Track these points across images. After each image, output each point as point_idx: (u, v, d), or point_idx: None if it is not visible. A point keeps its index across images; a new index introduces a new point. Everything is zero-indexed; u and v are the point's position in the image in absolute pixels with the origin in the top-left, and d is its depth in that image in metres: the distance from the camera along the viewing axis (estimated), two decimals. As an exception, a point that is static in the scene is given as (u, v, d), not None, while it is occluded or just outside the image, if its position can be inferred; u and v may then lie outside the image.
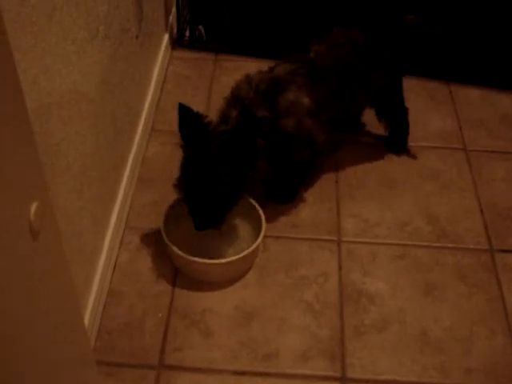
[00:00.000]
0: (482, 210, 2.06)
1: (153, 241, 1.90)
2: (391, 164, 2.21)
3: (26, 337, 0.90)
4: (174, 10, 2.63)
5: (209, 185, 1.67)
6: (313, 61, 1.88)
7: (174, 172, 1.78)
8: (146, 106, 2.22)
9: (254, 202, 1.89)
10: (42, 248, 0.90)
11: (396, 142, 2.26)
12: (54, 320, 1.03)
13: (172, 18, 2.63)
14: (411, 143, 2.28)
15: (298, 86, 1.81)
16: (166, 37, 2.56)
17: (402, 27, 2.03)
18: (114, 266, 1.82)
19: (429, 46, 2.42)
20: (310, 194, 2.08)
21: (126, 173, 1.97)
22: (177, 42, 2.69)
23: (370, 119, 2.25)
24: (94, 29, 1.54)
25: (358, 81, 1.95)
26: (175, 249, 1.75)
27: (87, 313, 1.61)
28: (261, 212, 1.86)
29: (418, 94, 2.50)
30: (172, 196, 1.90)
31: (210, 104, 2.37)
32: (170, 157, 2.16)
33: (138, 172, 2.09)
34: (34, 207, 0.83)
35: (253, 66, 1.96)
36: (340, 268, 1.87)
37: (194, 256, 1.75)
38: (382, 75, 2.00)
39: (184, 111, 1.71)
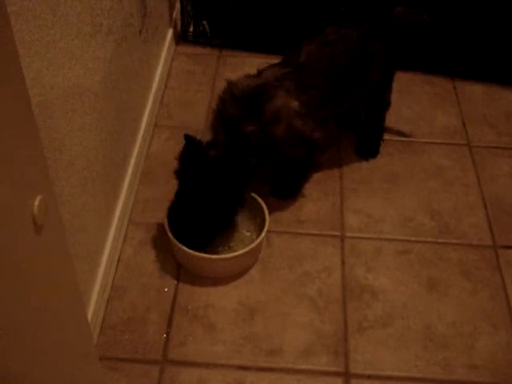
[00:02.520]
0: (485, 206, 2.05)
1: (156, 236, 1.90)
2: (395, 160, 2.20)
3: (28, 331, 0.90)
4: (177, 5, 2.63)
5: (208, 206, 1.73)
6: (303, 64, 1.87)
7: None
8: (150, 101, 2.22)
9: (257, 198, 1.88)
10: (46, 242, 0.90)
11: (370, 144, 2.23)
12: (56, 314, 1.03)
13: (176, 13, 2.63)
14: (415, 139, 2.28)
15: (285, 90, 1.80)
16: (170, 32, 2.56)
17: (392, 21, 2.01)
18: (118, 261, 1.83)
19: (421, 34, 2.42)
20: (314, 190, 2.08)
21: (130, 168, 1.97)
22: (181, 38, 2.69)
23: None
24: (98, 23, 1.54)
25: (353, 80, 1.94)
26: (179, 244, 1.75)
27: (90, 307, 1.61)
28: (264, 207, 1.86)
29: (422, 90, 2.50)
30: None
31: (213, 100, 2.36)
32: (174, 152, 2.15)
33: (142, 167, 2.10)
34: (37, 201, 0.83)
35: (257, 62, 1.95)
36: (343, 263, 1.87)
37: (198, 251, 1.76)
38: (377, 72, 1.99)
39: (190, 142, 1.74)
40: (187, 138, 1.73)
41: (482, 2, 2.42)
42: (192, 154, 1.73)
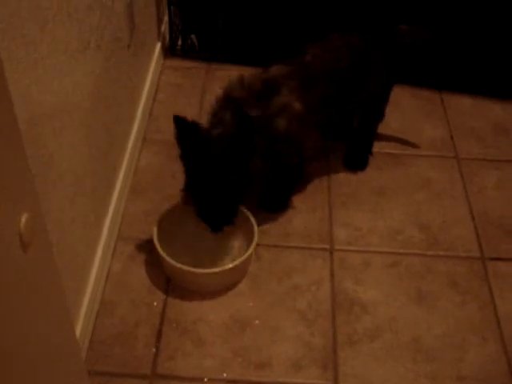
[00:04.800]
0: (473, 218, 2.07)
1: (145, 250, 1.90)
2: (383, 172, 2.21)
3: (15, 349, 0.90)
4: (166, 19, 2.64)
5: (219, 185, 1.71)
6: (308, 63, 1.89)
7: (166, 181, 1.78)
8: (139, 115, 2.23)
9: (246, 211, 1.89)
10: (33, 260, 0.90)
11: (359, 156, 2.25)
12: (44, 332, 1.02)
13: (164, 27, 2.64)
14: (403, 151, 2.29)
15: (289, 89, 1.81)
16: (158, 46, 2.57)
17: (395, 36, 2.03)
18: (107, 276, 1.82)
19: (422, 52, 2.44)
20: (303, 203, 2.09)
21: (119, 182, 1.97)
22: (169, 51, 2.69)
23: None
24: (86, 39, 1.54)
25: (352, 87, 1.96)
26: (168, 258, 1.75)
27: (79, 323, 1.61)
28: (253, 220, 1.86)
29: (409, 103, 2.52)
30: (165, 205, 1.91)
31: (202, 113, 2.36)
32: (163, 166, 2.16)
33: (131, 182, 2.10)
34: (24, 218, 0.83)
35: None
36: (332, 276, 1.87)
37: (187, 265, 1.76)
38: (374, 82, 2.01)
39: (180, 122, 1.72)
40: (177, 118, 1.72)
41: (469, 16, 2.44)
42: (187, 134, 1.73)
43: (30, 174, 0.90)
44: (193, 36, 2.69)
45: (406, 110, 2.48)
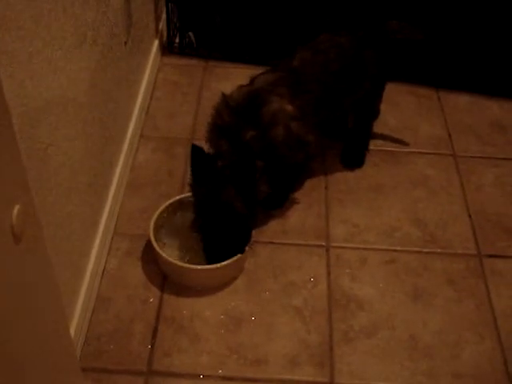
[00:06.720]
0: (470, 216, 2.06)
1: (141, 247, 1.89)
2: (380, 169, 2.21)
3: (7, 343, 0.90)
4: (163, 16, 2.63)
5: (228, 219, 1.71)
6: (296, 69, 1.88)
7: (163, 178, 1.77)
8: (136, 112, 2.22)
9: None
10: (25, 252, 0.89)
11: (355, 154, 2.24)
12: (37, 326, 1.02)
13: (162, 24, 2.63)
14: (400, 149, 2.29)
15: (279, 95, 1.81)
16: (156, 43, 2.57)
17: (386, 32, 2.03)
18: (103, 272, 1.82)
19: (413, 50, 2.44)
20: (300, 200, 2.08)
21: (115, 178, 1.97)
22: (167, 49, 2.69)
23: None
24: (82, 34, 1.54)
25: (344, 87, 1.95)
26: (164, 255, 1.75)
27: (75, 319, 1.60)
28: (250, 217, 1.86)
29: (407, 100, 2.51)
30: (161, 201, 1.90)
31: (199, 111, 2.37)
32: (159, 163, 2.16)
33: (127, 178, 2.09)
34: (16, 210, 0.83)
35: (243, 73, 1.96)
36: (329, 273, 1.87)
37: (183, 262, 1.75)
38: (369, 81, 2.01)
39: (196, 152, 1.72)
40: (194, 148, 1.72)
41: (466, 14, 2.43)
42: (202, 165, 1.73)
43: (22, 166, 0.89)
44: (190, 33, 2.69)
45: (404, 108, 2.47)
